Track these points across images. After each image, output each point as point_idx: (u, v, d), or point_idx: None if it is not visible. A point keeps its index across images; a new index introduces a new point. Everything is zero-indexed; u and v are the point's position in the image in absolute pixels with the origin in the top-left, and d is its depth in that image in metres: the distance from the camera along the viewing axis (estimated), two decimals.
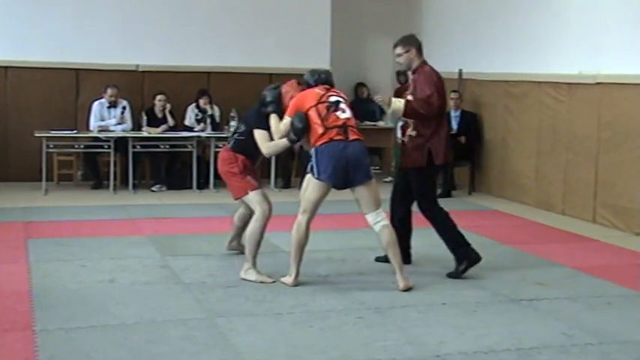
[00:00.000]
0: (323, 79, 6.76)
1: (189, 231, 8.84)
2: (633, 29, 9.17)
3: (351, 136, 6.44)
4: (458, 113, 11.92)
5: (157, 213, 9.80)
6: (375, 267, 7.22)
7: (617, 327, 5.70)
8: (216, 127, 11.93)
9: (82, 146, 11.60)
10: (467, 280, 6.80)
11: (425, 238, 7.46)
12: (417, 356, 5.05)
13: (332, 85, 6.76)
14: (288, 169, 12.33)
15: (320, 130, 6.38)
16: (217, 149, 11.63)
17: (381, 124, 13.68)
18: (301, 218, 6.47)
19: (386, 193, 12.06)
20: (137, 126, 11.76)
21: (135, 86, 12.24)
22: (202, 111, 11.95)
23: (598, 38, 9.70)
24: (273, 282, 6.65)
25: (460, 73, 12.29)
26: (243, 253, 7.15)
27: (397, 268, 6.50)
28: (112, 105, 11.57)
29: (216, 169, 11.55)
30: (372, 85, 14.26)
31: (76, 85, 12.15)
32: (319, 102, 6.48)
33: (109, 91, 11.52)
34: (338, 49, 13.28)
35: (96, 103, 11.54)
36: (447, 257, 7.09)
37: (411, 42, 7.09)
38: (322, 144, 6.37)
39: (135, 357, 4.96)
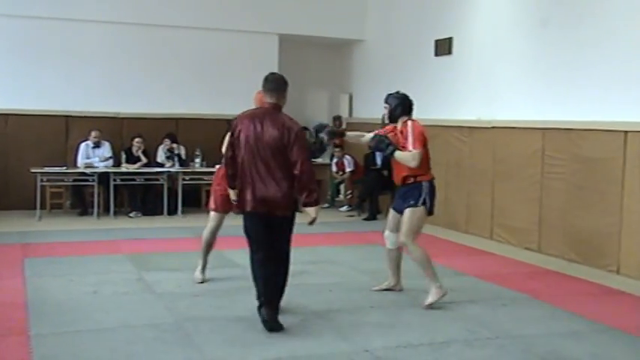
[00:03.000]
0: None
1: (161, 250, 8.73)
2: (520, 83, 9.40)
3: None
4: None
5: (133, 235, 9.65)
6: (314, 279, 7.21)
7: (510, 324, 5.76)
8: (182, 163, 11.85)
9: (70, 180, 11.42)
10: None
11: (352, 254, 7.47)
12: (350, 350, 5.05)
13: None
14: None
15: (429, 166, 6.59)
16: (184, 182, 11.57)
17: (319, 160, 13.73)
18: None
19: (327, 217, 11.96)
20: (117, 162, 11.64)
21: (115, 130, 12.10)
22: (170, 150, 11.86)
23: (493, 90, 9.91)
24: (202, 282, 6.82)
25: (383, 118, 12.30)
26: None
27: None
28: (96, 145, 11.46)
29: (183, 198, 11.56)
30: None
31: (66, 129, 11.95)
32: None
33: (93, 133, 11.42)
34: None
35: (82, 144, 11.42)
36: (373, 269, 7.10)
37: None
38: (431, 179, 6.62)
39: (115, 355, 4.88)
